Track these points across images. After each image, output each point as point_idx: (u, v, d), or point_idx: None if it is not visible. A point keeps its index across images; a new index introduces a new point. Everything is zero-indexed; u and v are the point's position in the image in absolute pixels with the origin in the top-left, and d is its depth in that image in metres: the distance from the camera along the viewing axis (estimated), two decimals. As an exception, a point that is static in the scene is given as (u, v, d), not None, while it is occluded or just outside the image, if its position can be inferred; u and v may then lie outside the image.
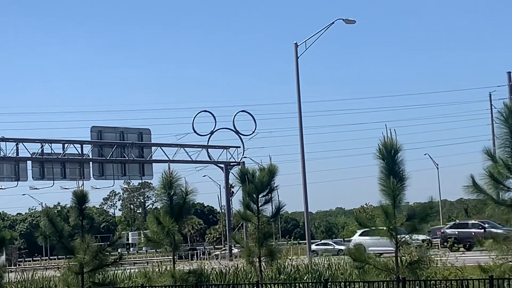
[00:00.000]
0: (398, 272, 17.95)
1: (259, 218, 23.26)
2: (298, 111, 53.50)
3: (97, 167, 78.21)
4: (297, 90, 53.45)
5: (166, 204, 23.04)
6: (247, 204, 23.31)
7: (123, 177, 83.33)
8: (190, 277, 22.58)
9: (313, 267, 29.34)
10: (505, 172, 17.29)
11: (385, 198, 18.12)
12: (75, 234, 24.21)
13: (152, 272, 28.73)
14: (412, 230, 18.39)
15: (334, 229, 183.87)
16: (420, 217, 18.26)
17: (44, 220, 24.65)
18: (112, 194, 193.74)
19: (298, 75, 53.51)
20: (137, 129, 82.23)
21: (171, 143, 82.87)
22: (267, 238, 23.58)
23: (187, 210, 23.30)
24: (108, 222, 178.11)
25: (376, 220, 18.38)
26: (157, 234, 23.00)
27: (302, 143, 53.22)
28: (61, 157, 75.58)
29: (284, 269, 28.56)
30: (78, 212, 24.12)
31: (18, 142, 73.53)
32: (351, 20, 54.80)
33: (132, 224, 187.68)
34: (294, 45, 53.69)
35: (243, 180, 23.36)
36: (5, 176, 73.46)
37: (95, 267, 23.86)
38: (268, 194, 23.34)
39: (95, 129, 78.21)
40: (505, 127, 17.24)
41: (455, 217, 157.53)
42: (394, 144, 18.22)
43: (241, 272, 29.18)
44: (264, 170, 23.32)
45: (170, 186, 22.95)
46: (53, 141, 76.52)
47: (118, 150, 78.63)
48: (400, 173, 18.20)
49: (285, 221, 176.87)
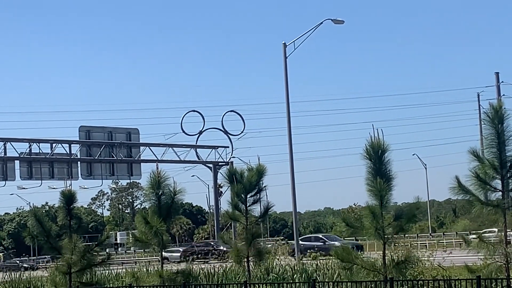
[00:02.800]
0: (386, 272, 17.98)
1: (247, 218, 23.29)
2: (286, 111, 53.50)
3: (85, 166, 78.16)
4: (286, 90, 53.44)
5: (154, 204, 23.01)
6: (236, 204, 23.34)
7: (111, 176, 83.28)
8: (178, 277, 22.57)
9: (301, 267, 29.37)
10: (492, 172, 17.33)
11: (372, 198, 18.13)
12: (63, 234, 24.15)
13: (140, 272, 28.75)
14: (399, 230, 18.43)
15: (323, 229, 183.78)
16: (407, 217, 18.28)
17: (32, 220, 24.59)
18: (100, 194, 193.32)
19: (287, 75, 53.51)
20: (125, 128, 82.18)
21: (160, 143, 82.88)
22: (256, 238, 23.59)
23: (175, 210, 23.28)
24: (96, 222, 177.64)
25: (363, 220, 18.39)
26: (145, 234, 22.96)
27: (291, 143, 53.24)
28: (49, 156, 75.49)
29: (272, 269, 28.57)
30: (66, 212, 24.06)
31: (6, 142, 73.42)
32: (339, 20, 54.82)
33: (121, 224, 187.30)
34: (283, 45, 53.66)
35: (231, 180, 23.37)
36: (-8, 175, 73.32)
37: (83, 267, 23.80)
38: (256, 194, 23.37)
39: (83, 128, 78.12)
40: (491, 127, 17.29)
41: (443, 217, 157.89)
42: (381, 144, 18.22)
43: (230, 272, 29.18)
44: (252, 170, 23.34)
45: (158, 186, 22.92)
46: (41, 140, 76.41)
47: (107, 150, 78.60)
48: (387, 173, 18.21)
49: (274, 221, 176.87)
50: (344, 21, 55.31)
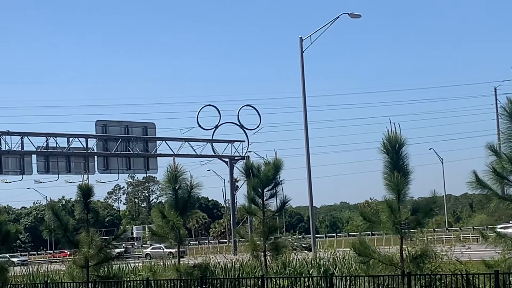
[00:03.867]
0: (403, 267, 17.95)
1: (264, 212, 23.25)
2: (303, 105, 53.47)
3: (102, 161, 78.28)
4: (302, 84, 53.39)
5: (171, 198, 23.03)
6: (252, 198, 23.30)
7: (127, 171, 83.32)
8: (195, 271, 22.60)
9: (318, 261, 29.33)
10: (509, 167, 17.23)
11: (390, 192, 18.10)
12: (80, 228, 24.24)
13: (157, 266, 28.80)
14: (417, 224, 18.39)
15: (339, 223, 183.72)
16: (424, 212, 18.24)
17: (49, 214, 24.70)
18: (117, 188, 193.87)
19: (303, 69, 53.44)
20: (142, 123, 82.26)
21: (176, 137, 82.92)
22: (272, 232, 23.55)
23: (192, 204, 23.29)
24: (113, 216, 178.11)
25: (380, 215, 18.36)
26: (162, 228, 23.00)
27: (307, 137, 53.19)
28: (66, 151, 75.66)
29: (289, 263, 28.54)
30: (83, 205, 24.15)
31: (23, 136, 73.64)
32: (356, 15, 54.70)
33: (137, 218, 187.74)
34: (300, 40, 53.59)
35: (248, 174, 23.34)
36: (10, 169, 73.56)
37: (100, 260, 23.89)
38: (273, 188, 23.32)
39: (100, 123, 78.26)
40: (509, 122, 17.20)
41: (459, 212, 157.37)
42: (398, 138, 18.18)
43: (247, 266, 29.18)
44: (269, 164, 23.28)
45: (175, 180, 22.94)
46: (58, 135, 76.60)
47: (123, 144, 78.70)
48: (405, 168, 18.16)
49: (290, 215, 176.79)
50: (360, 15, 55.23)
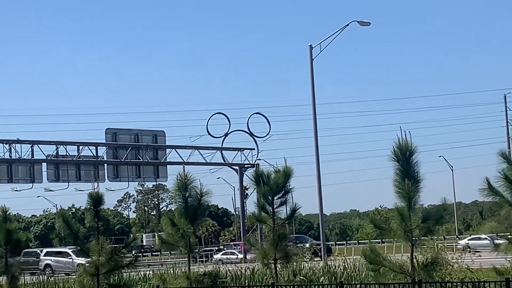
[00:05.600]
0: (414, 274, 17.91)
1: (274, 219, 23.22)
2: (312, 113, 53.48)
3: (112, 169, 78.41)
4: (312, 92, 53.42)
5: (181, 206, 23.02)
6: (262, 205, 23.27)
7: (137, 179, 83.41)
8: (205, 279, 22.58)
9: (328, 269, 29.32)
10: (521, 174, 17.22)
11: (400, 200, 18.07)
12: (90, 236, 24.26)
13: (167, 274, 28.80)
14: (427, 232, 18.36)
15: (348, 231, 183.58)
16: (434, 219, 18.20)
17: (60, 222, 24.70)
18: (127, 196, 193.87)
19: (313, 77, 53.50)
20: (151, 131, 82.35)
21: (186, 145, 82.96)
22: (282, 240, 23.53)
23: (202, 212, 23.26)
24: (123, 224, 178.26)
25: (391, 222, 18.33)
26: (172, 236, 22.99)
27: (317, 145, 53.19)
28: (76, 159, 75.80)
29: (300, 271, 28.53)
30: (94, 214, 24.15)
31: (33, 144, 73.80)
32: (365, 22, 54.76)
33: (146, 226, 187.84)
34: (309, 47, 53.64)
35: (258, 182, 23.32)
36: (20, 178, 73.71)
37: (110, 268, 23.88)
38: (283, 196, 23.29)
39: (109, 131, 78.41)
40: (520, 129, 17.19)
41: (469, 219, 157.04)
42: (409, 146, 18.17)
43: (257, 274, 29.18)
44: (279, 172, 23.27)
45: (185, 188, 22.93)
46: (68, 143, 76.77)
47: (133, 152, 78.82)
48: (415, 175, 18.14)
49: (299, 223, 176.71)
50: (370, 23, 55.27)
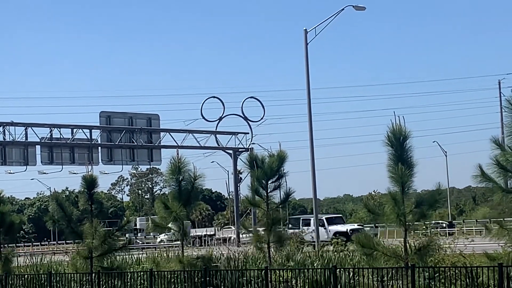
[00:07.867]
0: (407, 259, 17.97)
1: (268, 204, 23.25)
2: (307, 97, 53.44)
3: (106, 152, 78.36)
4: (307, 76, 53.37)
5: (174, 189, 23.04)
6: (256, 189, 23.29)
7: (131, 162, 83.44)
8: (199, 262, 22.62)
9: (322, 253, 29.36)
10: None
11: (394, 185, 18.13)
12: (84, 219, 24.29)
13: (161, 257, 28.83)
14: (421, 217, 18.41)
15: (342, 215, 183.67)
16: (428, 204, 18.26)
17: (53, 205, 24.73)
18: (120, 179, 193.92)
19: (308, 61, 53.42)
20: (145, 114, 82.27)
21: (180, 129, 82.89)
22: (276, 224, 23.56)
23: (195, 195, 23.29)
24: (116, 207, 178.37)
25: (384, 207, 18.38)
26: (165, 219, 23.02)
27: (311, 129, 53.17)
28: (70, 142, 75.74)
29: (293, 255, 28.57)
30: (87, 196, 24.19)
31: (27, 127, 73.68)
32: (361, 7, 54.63)
33: (140, 209, 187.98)
34: (304, 32, 53.55)
35: (252, 166, 23.33)
36: (14, 160, 73.65)
37: (103, 251, 23.93)
38: (277, 180, 23.31)
39: (104, 114, 78.30)
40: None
41: (463, 205, 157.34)
42: (402, 131, 18.22)
43: (250, 258, 29.20)
44: (273, 156, 23.27)
45: (178, 171, 22.95)
46: (62, 126, 76.64)
47: (127, 135, 78.73)
48: (409, 160, 18.21)
49: (293, 207, 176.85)
50: (365, 8, 55.14)
